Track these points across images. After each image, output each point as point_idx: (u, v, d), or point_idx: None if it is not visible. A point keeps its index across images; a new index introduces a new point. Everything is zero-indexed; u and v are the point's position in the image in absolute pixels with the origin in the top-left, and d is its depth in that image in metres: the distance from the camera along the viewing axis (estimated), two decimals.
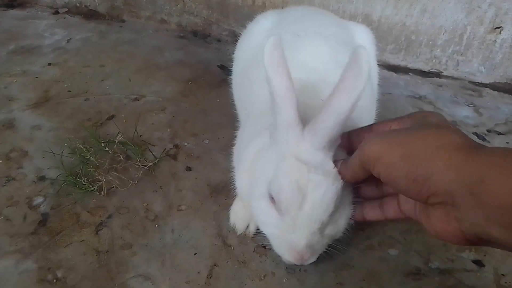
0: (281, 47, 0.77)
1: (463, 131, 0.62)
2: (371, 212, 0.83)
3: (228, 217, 1.17)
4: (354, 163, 0.72)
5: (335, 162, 0.79)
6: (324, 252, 0.88)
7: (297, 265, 0.94)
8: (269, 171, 0.83)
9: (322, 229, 0.82)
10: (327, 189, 0.77)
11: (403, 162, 0.60)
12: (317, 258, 0.86)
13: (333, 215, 0.81)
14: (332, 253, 0.92)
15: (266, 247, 1.09)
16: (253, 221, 1.13)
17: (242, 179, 1.02)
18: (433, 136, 0.60)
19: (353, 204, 0.85)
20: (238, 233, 1.14)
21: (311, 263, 0.85)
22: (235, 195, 1.17)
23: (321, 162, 0.78)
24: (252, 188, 0.91)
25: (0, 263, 1.04)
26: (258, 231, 0.97)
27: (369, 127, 0.81)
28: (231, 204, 1.19)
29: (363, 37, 1.37)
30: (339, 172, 0.78)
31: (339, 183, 0.78)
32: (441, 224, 0.60)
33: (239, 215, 1.15)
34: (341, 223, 0.86)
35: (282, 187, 0.79)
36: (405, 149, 0.60)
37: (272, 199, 0.83)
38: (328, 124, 0.75)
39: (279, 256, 0.88)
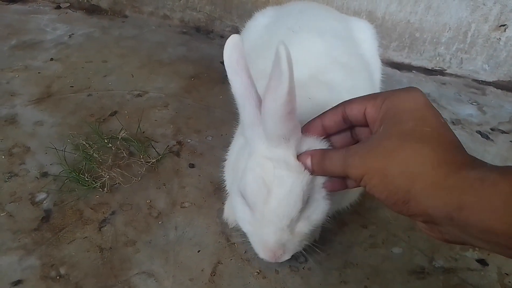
0: (240, 47, 0.75)
1: (467, 130, 0.62)
2: (339, 184, 0.80)
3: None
4: (336, 169, 0.70)
5: (299, 155, 0.77)
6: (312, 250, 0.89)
7: (272, 263, 0.89)
8: (240, 168, 0.85)
9: (291, 225, 0.81)
10: (293, 184, 0.76)
11: (382, 188, 0.61)
12: (291, 256, 0.85)
13: (303, 211, 0.81)
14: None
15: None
16: None
17: (228, 175, 1.05)
18: (409, 159, 0.59)
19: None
20: (230, 226, 1.15)
21: (315, 261, 0.84)
22: None
23: (283, 157, 0.77)
24: (231, 185, 0.93)
25: (3, 260, 1.04)
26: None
27: (342, 107, 0.75)
28: None
29: (364, 32, 1.35)
30: (312, 168, 0.76)
31: (304, 178, 0.77)
32: (424, 230, 0.63)
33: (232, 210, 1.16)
34: (314, 219, 0.84)
35: (247, 183, 0.79)
36: (383, 175, 0.61)
37: (242, 195, 0.83)
38: (270, 123, 0.73)
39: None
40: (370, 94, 0.72)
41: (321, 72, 1.06)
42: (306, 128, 0.79)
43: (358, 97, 0.73)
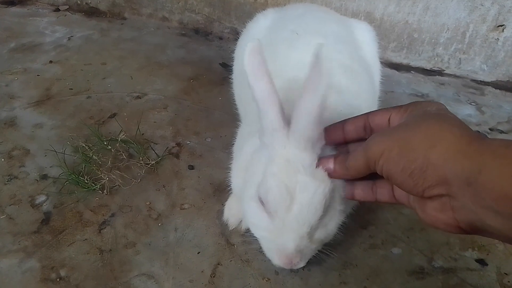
0: (261, 52, 0.76)
1: None
2: (363, 192, 0.79)
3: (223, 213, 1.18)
4: (358, 162, 0.71)
5: (320, 159, 0.78)
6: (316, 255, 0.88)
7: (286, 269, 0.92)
8: (259, 173, 0.83)
9: (311, 233, 0.81)
10: (316, 190, 0.76)
11: (400, 157, 0.61)
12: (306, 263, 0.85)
13: (322, 218, 0.81)
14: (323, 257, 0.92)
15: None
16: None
17: (236, 178, 1.02)
18: (431, 129, 0.60)
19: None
20: (230, 228, 1.15)
21: (314, 262, 0.84)
22: (231, 192, 1.17)
23: (308, 163, 0.77)
24: (244, 189, 0.90)
25: (3, 262, 1.04)
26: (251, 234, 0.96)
27: (366, 116, 0.77)
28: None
29: (364, 34, 1.36)
30: (334, 170, 0.77)
31: (327, 185, 0.78)
32: (434, 212, 0.61)
33: (233, 211, 1.16)
34: (331, 227, 0.85)
35: (270, 189, 0.78)
36: (403, 144, 0.61)
37: (261, 201, 0.82)
38: (302, 125, 0.74)
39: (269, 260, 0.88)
40: (394, 106, 0.73)
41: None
42: (328, 130, 0.78)
43: (383, 108, 0.75)
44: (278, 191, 0.77)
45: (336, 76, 1.07)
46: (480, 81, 1.92)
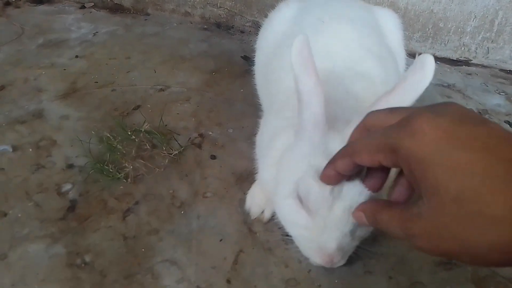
0: (308, 45, 0.76)
1: (495, 120, 0.58)
2: None
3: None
4: (396, 233, 0.58)
5: (353, 212, 0.69)
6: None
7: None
8: (296, 170, 0.80)
9: (353, 231, 0.79)
10: (362, 191, 0.73)
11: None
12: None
13: None
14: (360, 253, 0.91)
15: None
16: (268, 207, 1.12)
17: (268, 173, 0.99)
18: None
19: None
20: (252, 217, 1.14)
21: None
22: (254, 181, 1.18)
23: None
24: (277, 186, 0.88)
25: (31, 247, 1.06)
26: (285, 234, 0.94)
27: (350, 156, 0.63)
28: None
29: (389, 21, 1.33)
30: (369, 221, 0.66)
31: None
32: None
33: (256, 200, 1.15)
34: None
35: (311, 188, 0.76)
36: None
37: (300, 199, 0.80)
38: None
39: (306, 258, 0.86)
40: (372, 138, 0.58)
41: (357, 63, 1.04)
42: (323, 177, 0.71)
43: (363, 145, 0.59)
44: (321, 191, 0.74)
45: (366, 63, 1.06)
46: (510, 70, 1.86)
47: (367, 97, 0.91)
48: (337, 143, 0.75)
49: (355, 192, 0.73)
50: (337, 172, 0.66)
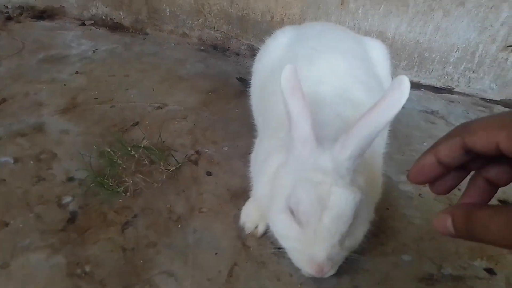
0: (296, 74, 0.85)
1: None
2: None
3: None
4: (500, 242, 0.47)
5: (436, 217, 0.55)
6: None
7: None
8: (287, 185, 0.87)
9: (341, 241, 0.85)
10: (348, 201, 0.80)
11: None
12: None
13: (351, 226, 0.84)
14: (349, 262, 0.97)
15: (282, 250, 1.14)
16: (262, 223, 1.18)
17: (263, 189, 1.05)
18: None
19: None
20: (246, 232, 1.19)
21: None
22: (248, 198, 1.23)
23: (345, 173, 0.82)
24: (272, 202, 0.94)
25: (32, 257, 1.10)
26: (278, 247, 1.01)
27: (460, 137, 0.52)
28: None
29: (378, 51, 1.42)
30: (457, 230, 0.52)
31: (357, 195, 0.82)
32: None
33: (250, 216, 1.20)
34: (359, 233, 0.90)
35: (301, 199, 0.82)
36: None
37: (292, 212, 0.86)
38: (363, 134, 0.80)
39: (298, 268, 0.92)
40: (492, 117, 0.50)
41: (346, 90, 1.12)
42: (416, 170, 0.57)
43: (477, 122, 0.50)
44: (309, 202, 0.81)
45: (355, 91, 1.13)
46: (489, 99, 1.97)
47: (352, 119, 0.99)
48: (326, 158, 0.83)
49: (342, 201, 0.80)
50: (437, 161, 0.54)
